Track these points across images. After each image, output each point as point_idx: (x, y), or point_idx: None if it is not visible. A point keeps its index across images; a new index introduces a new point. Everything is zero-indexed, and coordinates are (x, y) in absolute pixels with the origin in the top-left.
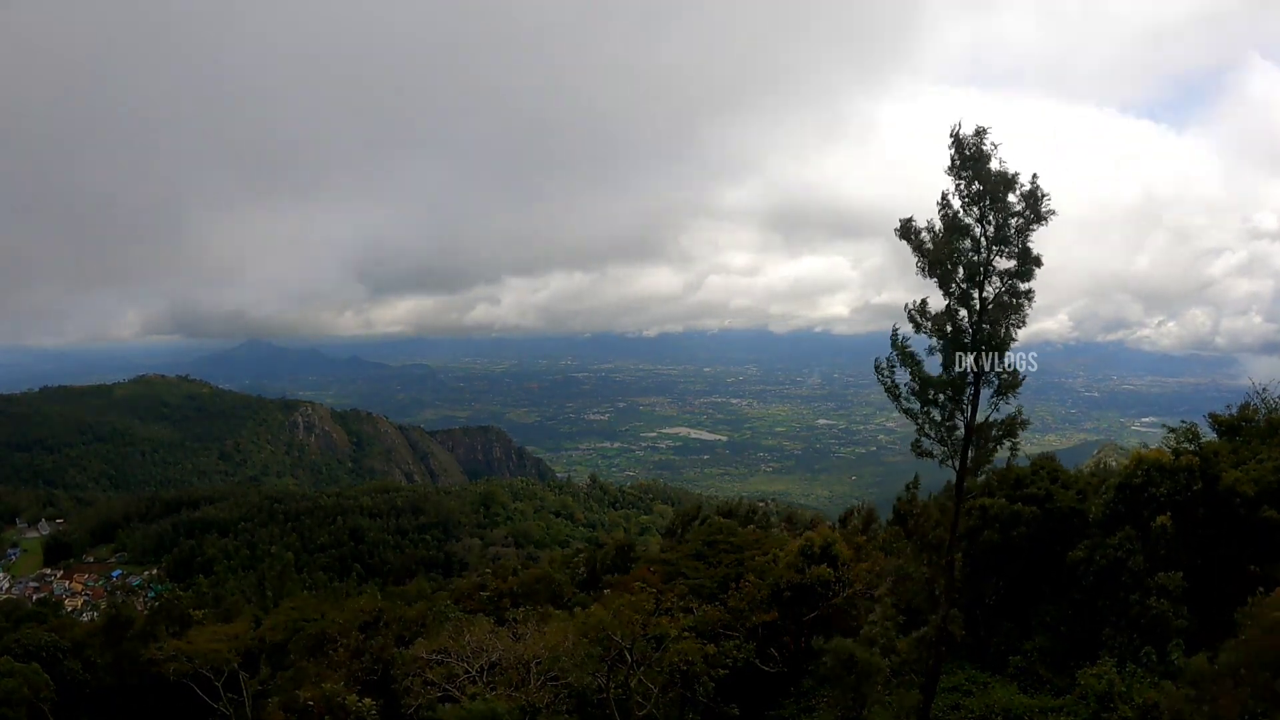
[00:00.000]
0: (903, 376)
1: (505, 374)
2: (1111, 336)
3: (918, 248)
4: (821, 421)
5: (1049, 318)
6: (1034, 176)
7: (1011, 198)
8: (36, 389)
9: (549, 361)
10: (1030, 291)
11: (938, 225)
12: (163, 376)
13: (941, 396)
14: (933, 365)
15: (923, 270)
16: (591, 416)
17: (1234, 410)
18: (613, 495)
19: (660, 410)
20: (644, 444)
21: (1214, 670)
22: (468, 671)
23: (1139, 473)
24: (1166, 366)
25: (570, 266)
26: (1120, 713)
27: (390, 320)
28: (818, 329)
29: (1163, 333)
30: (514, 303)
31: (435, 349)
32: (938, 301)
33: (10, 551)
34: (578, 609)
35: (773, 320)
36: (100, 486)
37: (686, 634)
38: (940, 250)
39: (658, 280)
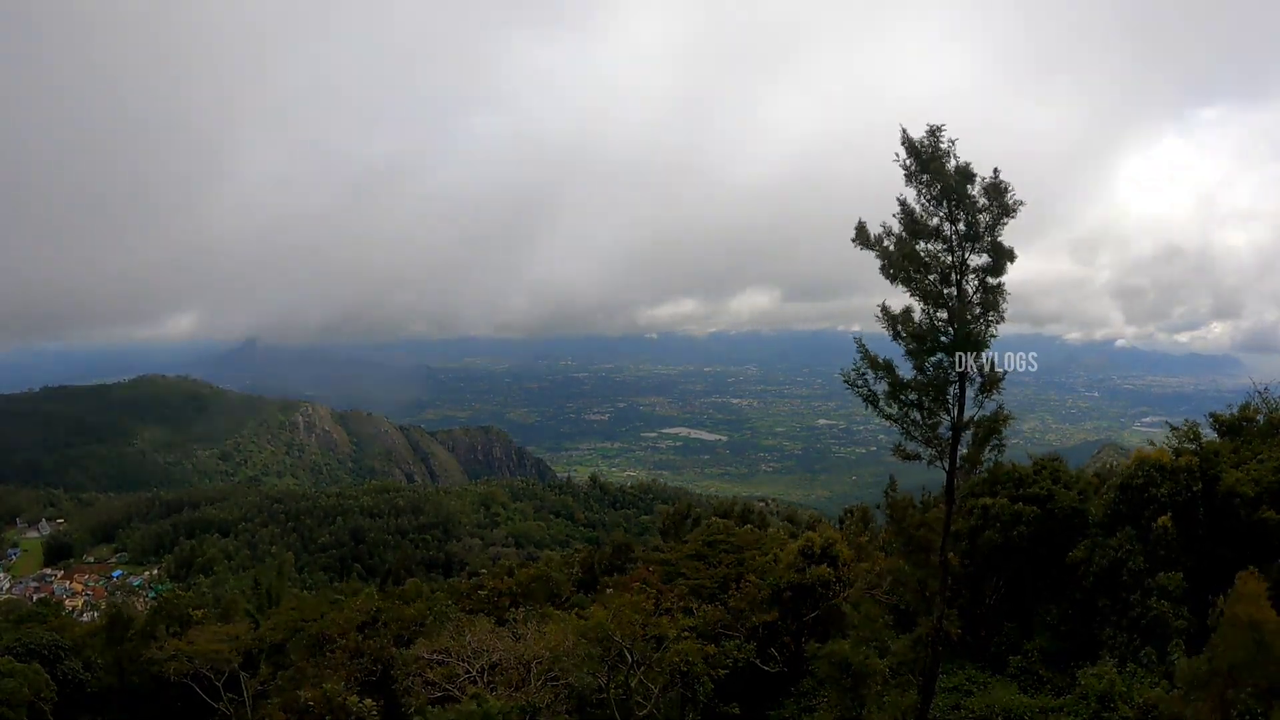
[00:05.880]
0: (879, 385)
1: (505, 374)
2: (1180, 337)
3: (882, 254)
4: (821, 421)
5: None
6: (995, 170)
7: (974, 191)
8: (37, 389)
9: (549, 361)
10: (1001, 285)
11: (897, 229)
12: (163, 376)
13: (924, 399)
14: (905, 367)
15: (888, 275)
16: (591, 416)
17: (1234, 410)
18: (613, 495)
19: (660, 410)
20: (644, 444)
21: (1209, 669)
22: (468, 672)
23: (1140, 473)
24: (1167, 366)
25: None
26: (1120, 713)
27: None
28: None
29: (1216, 333)
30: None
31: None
32: (897, 302)
33: (10, 551)
34: (578, 609)
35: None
36: (100, 486)
37: (687, 634)
38: (904, 253)
39: None
